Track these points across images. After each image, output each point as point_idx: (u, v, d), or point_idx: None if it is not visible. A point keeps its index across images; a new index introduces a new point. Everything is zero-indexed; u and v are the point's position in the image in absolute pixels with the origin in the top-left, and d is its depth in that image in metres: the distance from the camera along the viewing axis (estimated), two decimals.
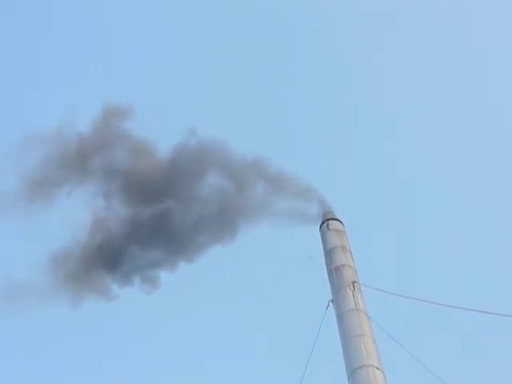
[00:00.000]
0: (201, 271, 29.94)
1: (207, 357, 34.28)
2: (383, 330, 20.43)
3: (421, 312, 22.86)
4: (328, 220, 24.04)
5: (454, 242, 37.72)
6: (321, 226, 24.12)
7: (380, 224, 38.12)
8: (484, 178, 42.03)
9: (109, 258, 28.98)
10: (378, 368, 18.85)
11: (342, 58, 46.91)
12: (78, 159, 30.86)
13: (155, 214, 29.45)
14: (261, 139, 38.94)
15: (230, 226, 28.57)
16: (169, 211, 29.42)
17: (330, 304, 21.05)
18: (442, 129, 44.29)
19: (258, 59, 46.38)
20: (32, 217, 29.89)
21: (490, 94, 46.02)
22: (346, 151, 42.78)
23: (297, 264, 26.94)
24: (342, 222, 24.16)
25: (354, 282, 21.09)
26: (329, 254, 22.70)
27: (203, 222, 29.26)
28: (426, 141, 43.99)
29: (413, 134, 44.57)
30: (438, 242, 37.76)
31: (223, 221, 28.77)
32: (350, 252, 22.78)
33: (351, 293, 20.74)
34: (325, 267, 22.56)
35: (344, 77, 47.89)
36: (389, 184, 42.11)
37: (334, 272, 21.78)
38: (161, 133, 32.05)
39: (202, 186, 30.10)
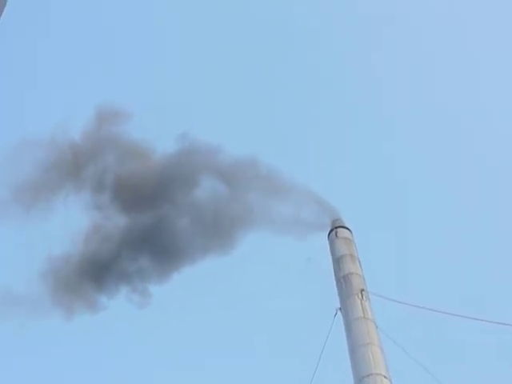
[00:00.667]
0: (198, 278, 29.79)
1: (205, 363, 34.03)
2: (390, 337, 20.42)
3: (428, 320, 22.77)
4: (336, 228, 23.99)
5: (455, 244, 37.59)
6: (329, 234, 24.06)
7: (379, 225, 37.90)
8: (484, 178, 41.91)
9: (102, 268, 28.71)
10: (385, 377, 18.91)
11: (341, 58, 46.64)
12: (74, 165, 30.56)
13: (149, 222, 29.20)
14: (259, 140, 38.74)
15: (228, 233, 28.40)
16: (163, 219, 29.15)
17: (338, 312, 21.04)
18: (441, 129, 44.12)
19: (257, 60, 46.12)
20: (28, 223, 29.63)
21: (489, 95, 45.87)
22: (346, 152, 42.56)
23: (301, 272, 26.81)
24: (350, 230, 24.08)
25: (362, 291, 21.08)
26: (337, 262, 22.67)
27: (199, 229, 29.04)
28: (426, 141, 43.77)
29: (412, 135, 44.33)
30: (439, 244, 37.59)
31: (221, 227, 28.58)
32: (359, 260, 22.75)
33: (359, 301, 20.72)
34: (333, 275, 22.53)
35: (343, 77, 47.62)
36: (388, 185, 41.94)
37: (343, 280, 21.78)
38: (158, 135, 31.83)
39: (197, 192, 29.89)
